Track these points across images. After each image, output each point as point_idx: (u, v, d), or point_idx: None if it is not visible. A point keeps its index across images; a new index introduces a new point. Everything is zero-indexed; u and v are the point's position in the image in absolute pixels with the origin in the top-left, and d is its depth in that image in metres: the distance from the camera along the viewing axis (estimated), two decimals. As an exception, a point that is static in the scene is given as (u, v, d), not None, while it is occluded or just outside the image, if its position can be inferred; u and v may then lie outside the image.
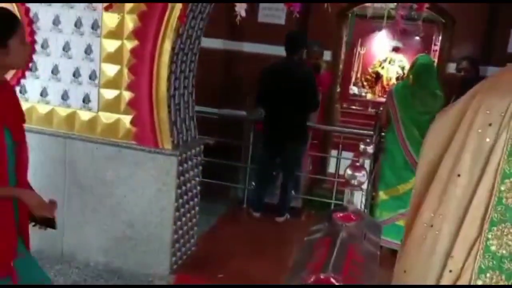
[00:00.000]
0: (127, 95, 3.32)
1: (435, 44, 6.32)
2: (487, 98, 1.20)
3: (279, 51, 4.88)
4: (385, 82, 9.57)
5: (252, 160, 5.16)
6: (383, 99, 9.16)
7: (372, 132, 4.55)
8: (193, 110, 3.75)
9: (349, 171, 1.94)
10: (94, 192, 3.46)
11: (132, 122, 3.34)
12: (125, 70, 3.29)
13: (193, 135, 3.75)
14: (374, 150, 3.40)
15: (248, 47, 5.99)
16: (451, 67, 5.23)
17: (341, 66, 6.60)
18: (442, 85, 3.95)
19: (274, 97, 4.46)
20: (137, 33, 3.21)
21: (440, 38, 5.65)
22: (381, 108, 4.61)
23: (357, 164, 2.06)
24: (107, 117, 3.38)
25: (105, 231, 3.48)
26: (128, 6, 3.19)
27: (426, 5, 2.38)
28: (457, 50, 5.32)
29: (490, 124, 1.17)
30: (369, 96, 9.43)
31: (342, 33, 6.09)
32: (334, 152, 6.06)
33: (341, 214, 1.65)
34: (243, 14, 1.79)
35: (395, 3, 7.73)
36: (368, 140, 3.20)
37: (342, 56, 6.44)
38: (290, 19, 6.12)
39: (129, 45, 3.25)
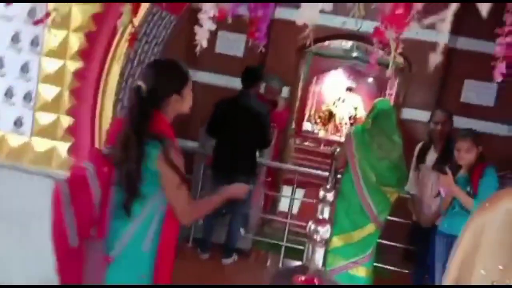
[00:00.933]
0: (66, 120, 2.99)
1: (390, 88, 6.36)
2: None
3: (235, 83, 4.70)
4: (337, 121, 9.63)
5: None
6: (335, 137, 9.22)
7: (327, 173, 4.41)
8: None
9: (312, 225, 1.73)
10: (21, 226, 3.06)
11: (69, 151, 3.00)
12: (66, 93, 2.96)
13: (138, 168, 3.44)
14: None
15: (204, 77, 5.78)
16: (407, 113, 5.24)
17: (297, 103, 6.54)
18: (400, 131, 3.87)
19: (225, 130, 4.28)
20: (82, 54, 2.91)
21: (396, 82, 5.67)
22: (337, 149, 4.49)
23: (320, 217, 1.85)
24: (40, 144, 3.03)
25: (29, 270, 3.06)
26: (75, 23, 2.90)
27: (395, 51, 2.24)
28: (412, 96, 5.34)
29: None
30: (321, 134, 9.44)
31: (300, 70, 6.02)
32: (286, 189, 5.90)
33: (303, 278, 1.43)
34: (204, 44, 1.57)
35: (351, 44, 7.87)
36: (328, 187, 3.02)
37: (299, 93, 6.36)
38: (249, 52, 6.01)
39: (73, 66, 2.94)
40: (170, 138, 1.99)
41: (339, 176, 4.15)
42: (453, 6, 0.89)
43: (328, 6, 0.92)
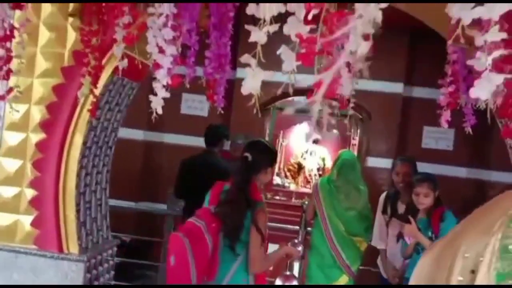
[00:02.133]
0: (29, 193, 2.95)
1: (353, 138, 6.53)
2: (465, 241, 1.11)
3: (202, 142, 4.76)
4: (307, 173, 9.71)
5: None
6: (306, 190, 9.26)
7: (298, 227, 4.43)
8: (106, 208, 3.42)
9: (279, 282, 1.74)
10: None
11: (33, 224, 2.94)
12: (28, 165, 2.95)
13: (105, 235, 3.38)
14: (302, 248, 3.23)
15: (170, 138, 5.84)
16: (371, 161, 5.37)
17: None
18: (365, 179, 3.96)
19: (192, 190, 4.27)
20: (44, 126, 2.93)
21: (358, 132, 5.84)
22: (306, 202, 4.54)
23: (287, 273, 1.86)
24: (3, 218, 2.96)
25: None
26: (36, 96, 2.94)
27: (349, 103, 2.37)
28: (375, 145, 5.50)
29: (472, 271, 1.07)
30: (292, 187, 9.47)
31: (265, 126, 6.15)
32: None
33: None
34: (160, 111, 1.62)
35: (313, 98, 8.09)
36: (296, 241, 3.04)
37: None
38: (213, 111, 6.11)
39: (35, 138, 2.94)
40: (262, 202, 2.61)
41: (309, 228, 4.17)
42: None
43: (270, 75, 0.99)
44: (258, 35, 0.96)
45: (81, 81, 2.35)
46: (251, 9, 0.94)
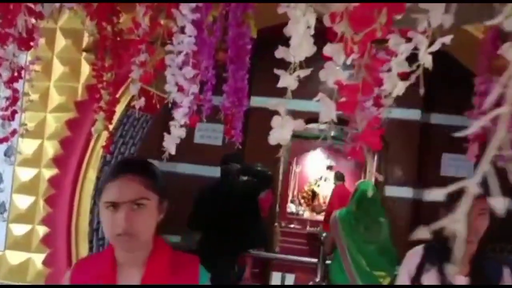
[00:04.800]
0: (41, 230, 2.88)
1: (370, 167, 6.40)
2: None
3: (216, 172, 4.67)
4: (321, 200, 9.57)
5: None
6: (320, 217, 9.10)
7: (315, 260, 4.28)
8: (120, 244, 3.33)
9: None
10: None
11: (44, 262, 2.86)
12: (41, 202, 2.88)
13: (118, 273, 3.28)
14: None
15: (183, 168, 5.75)
16: (389, 190, 5.23)
17: (279, 185, 6.52)
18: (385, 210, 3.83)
19: (210, 219, 4.14)
20: (57, 161, 2.87)
21: (375, 160, 5.72)
22: (324, 233, 4.40)
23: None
24: (14, 257, 2.88)
25: None
26: (49, 131, 2.89)
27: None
28: (393, 173, 5.37)
29: None
30: (306, 215, 9.33)
31: (279, 153, 6.04)
32: (276, 275, 5.70)
33: None
34: (173, 152, 1.54)
35: (326, 124, 8.00)
36: (317, 279, 2.90)
37: (280, 176, 6.35)
38: (228, 141, 6.03)
39: (47, 173, 2.88)
40: None
41: (328, 261, 4.03)
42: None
43: (300, 126, 0.90)
44: (288, 81, 0.87)
45: (95, 116, 2.29)
46: (280, 52, 0.86)
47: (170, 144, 1.67)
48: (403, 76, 1.06)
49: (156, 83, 1.93)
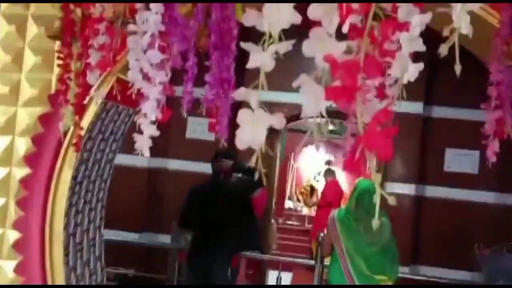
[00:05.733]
0: (12, 235, 2.63)
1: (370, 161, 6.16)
2: None
3: (209, 168, 4.43)
4: (320, 196, 9.34)
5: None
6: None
7: (313, 261, 4.06)
8: (101, 248, 3.09)
9: None
10: None
11: (16, 270, 2.62)
12: (12, 205, 2.64)
13: (99, 279, 3.04)
14: None
15: (174, 164, 5.52)
16: (390, 187, 5.00)
17: (276, 181, 6.29)
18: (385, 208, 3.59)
19: (202, 220, 3.91)
20: (29, 160, 2.62)
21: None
22: (322, 234, 4.17)
23: None
24: (-17, 264, 2.64)
25: None
26: (20, 127, 2.64)
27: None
28: (394, 169, 5.13)
29: None
30: (305, 211, 9.10)
31: (276, 148, 5.81)
32: (272, 273, 5.50)
33: None
34: (147, 153, 1.29)
35: (326, 118, 7.78)
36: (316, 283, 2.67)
37: (277, 172, 6.12)
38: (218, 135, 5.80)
39: (19, 173, 2.64)
40: None
41: (326, 263, 3.81)
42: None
43: (280, 123, 0.66)
44: (262, 58, 0.63)
45: (62, 110, 2.05)
46: (249, 18, 0.62)
47: (143, 145, 1.43)
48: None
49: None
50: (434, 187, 5.06)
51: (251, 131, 0.63)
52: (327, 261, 4.00)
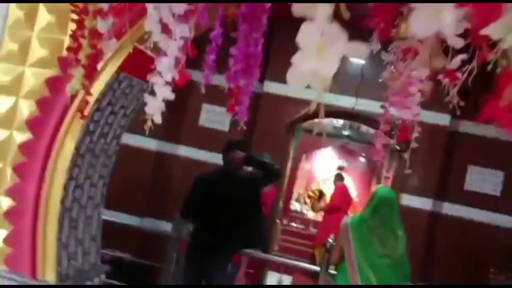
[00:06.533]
0: (5, 202, 2.46)
1: (387, 171, 5.92)
2: None
3: (219, 159, 4.24)
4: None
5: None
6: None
7: (316, 267, 3.86)
8: (99, 228, 2.91)
9: None
10: None
11: (6, 240, 2.45)
12: (8, 170, 2.47)
13: (93, 260, 2.86)
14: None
15: (185, 151, 5.34)
16: (405, 199, 4.77)
17: (286, 181, 6.09)
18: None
19: (205, 212, 3.71)
20: (32, 124, 2.45)
21: (393, 164, 5.25)
22: (331, 240, 3.95)
23: None
24: (-29, 231, 2.48)
25: None
26: (26, 88, 2.47)
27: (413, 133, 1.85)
28: (412, 181, 4.89)
29: None
30: (310, 214, 8.86)
31: (290, 147, 5.61)
32: (271, 275, 5.30)
33: None
34: (158, 119, 1.10)
35: (343, 122, 7.58)
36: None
37: (288, 172, 5.92)
38: (235, 126, 5.59)
39: (19, 137, 2.46)
40: None
41: (332, 272, 3.60)
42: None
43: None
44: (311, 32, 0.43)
45: (72, 71, 1.87)
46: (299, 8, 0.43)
47: (153, 109, 1.24)
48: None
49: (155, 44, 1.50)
50: (452, 205, 4.82)
51: (316, 60, 0.42)
52: (331, 269, 3.80)
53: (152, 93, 1.15)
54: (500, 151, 4.81)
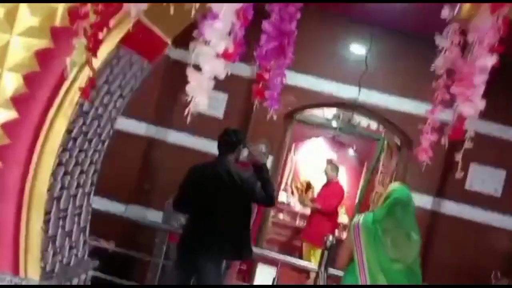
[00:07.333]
0: (-15, 188, 2.18)
1: (383, 165, 5.74)
2: None
3: (212, 147, 3.98)
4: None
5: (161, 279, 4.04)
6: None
7: (315, 267, 3.67)
8: (87, 218, 2.65)
9: None
10: None
11: (-14, 230, 2.17)
12: (-11, 152, 2.17)
13: (80, 254, 2.60)
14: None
15: (175, 137, 5.06)
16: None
17: (280, 172, 5.88)
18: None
19: (199, 205, 3.47)
20: (18, 101, 2.15)
21: (392, 160, 5.07)
22: (330, 238, 3.75)
23: None
24: None
25: None
26: (12, 60, 2.15)
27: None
28: (411, 178, 4.72)
29: None
30: (297, 207, 8.64)
31: (286, 137, 5.38)
32: (261, 267, 5.10)
33: None
34: (204, 104, 0.85)
35: (333, 113, 7.38)
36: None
37: (283, 162, 5.72)
38: (230, 113, 5.35)
39: (3, 116, 2.17)
40: None
41: (334, 272, 3.41)
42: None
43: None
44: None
45: (73, 42, 1.59)
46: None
47: (199, 91, 0.98)
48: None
49: (162, 20, 1.24)
50: (452, 204, 4.67)
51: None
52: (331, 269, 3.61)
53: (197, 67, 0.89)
54: (503, 149, 4.69)
